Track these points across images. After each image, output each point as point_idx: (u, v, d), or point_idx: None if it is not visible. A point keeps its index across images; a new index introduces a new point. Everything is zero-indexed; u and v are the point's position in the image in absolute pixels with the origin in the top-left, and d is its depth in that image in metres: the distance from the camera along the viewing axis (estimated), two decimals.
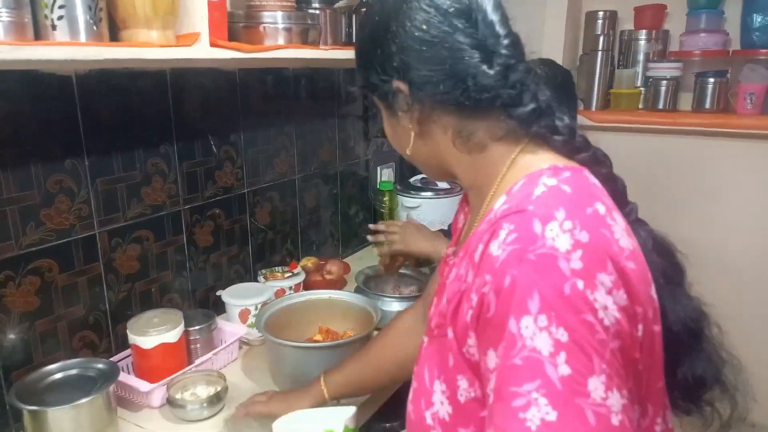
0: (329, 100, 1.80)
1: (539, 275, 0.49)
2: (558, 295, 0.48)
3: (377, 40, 0.65)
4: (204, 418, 1.09)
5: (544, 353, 0.47)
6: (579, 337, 0.47)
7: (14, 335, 1.05)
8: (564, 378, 0.47)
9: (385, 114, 0.72)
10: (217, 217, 1.46)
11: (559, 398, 0.47)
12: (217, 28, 1.07)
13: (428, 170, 0.74)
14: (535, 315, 0.48)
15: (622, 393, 0.48)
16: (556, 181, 0.56)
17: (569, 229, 0.50)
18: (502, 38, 0.61)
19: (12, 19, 0.76)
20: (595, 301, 0.48)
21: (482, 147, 0.64)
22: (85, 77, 1.10)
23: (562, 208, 0.52)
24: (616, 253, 0.51)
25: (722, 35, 2.10)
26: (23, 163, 1.03)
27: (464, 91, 0.60)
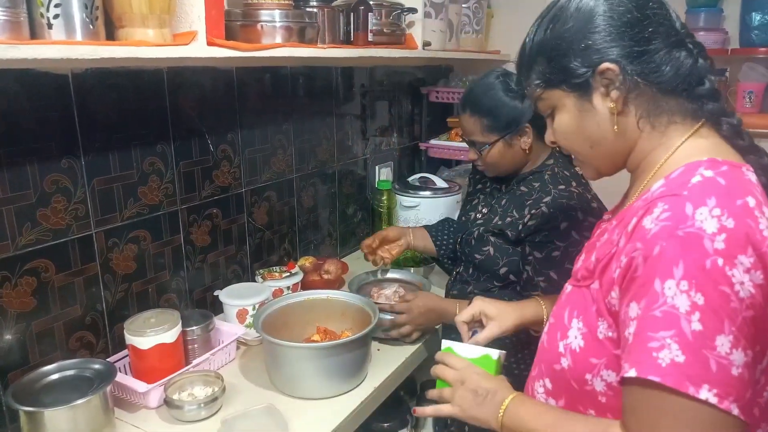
0: (327, 99, 1.79)
1: (685, 249, 0.59)
2: (700, 268, 0.58)
3: (583, 29, 0.72)
4: (201, 419, 1.09)
5: (682, 311, 0.58)
6: (713, 303, 0.57)
7: (10, 336, 1.05)
8: (695, 332, 0.58)
9: (569, 106, 0.75)
10: (214, 217, 1.45)
11: (689, 346, 0.58)
12: (214, 26, 1.07)
13: (604, 160, 0.78)
14: (678, 280, 0.58)
15: (746, 353, 0.58)
16: (712, 173, 0.64)
17: (717, 216, 0.59)
18: (687, 30, 0.72)
19: (7, 18, 0.75)
20: (732, 277, 0.58)
21: (663, 130, 0.72)
22: (81, 76, 1.10)
23: (714, 197, 0.61)
24: (759, 240, 0.60)
25: (721, 33, 2.09)
26: (19, 162, 1.03)
27: (667, 69, 0.69)
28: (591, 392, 0.71)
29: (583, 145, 0.77)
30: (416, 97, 2.25)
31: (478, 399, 0.83)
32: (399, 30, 1.64)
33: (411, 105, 2.24)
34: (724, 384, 0.58)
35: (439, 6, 1.83)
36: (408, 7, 1.64)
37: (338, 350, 1.14)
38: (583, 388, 0.72)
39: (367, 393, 1.18)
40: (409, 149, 2.27)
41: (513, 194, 1.32)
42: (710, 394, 0.57)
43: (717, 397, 0.57)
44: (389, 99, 2.10)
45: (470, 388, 0.84)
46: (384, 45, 1.56)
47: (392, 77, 2.09)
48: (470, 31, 2.14)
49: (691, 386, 0.58)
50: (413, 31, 1.73)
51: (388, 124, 2.11)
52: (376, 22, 1.53)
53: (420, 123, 2.30)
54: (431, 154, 2.26)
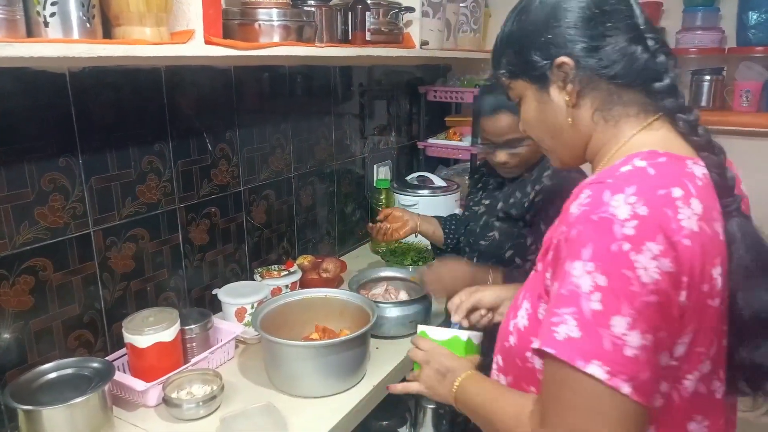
0: (325, 98, 1.79)
1: (595, 233, 0.62)
2: (605, 251, 0.60)
3: (544, 23, 0.74)
4: (200, 417, 1.09)
5: (584, 290, 0.61)
6: (614, 285, 0.60)
7: (8, 335, 1.05)
8: (593, 311, 0.60)
9: (531, 97, 0.79)
10: (212, 216, 1.45)
11: (585, 324, 0.60)
12: (211, 25, 1.06)
13: (563, 150, 0.81)
14: (585, 261, 0.61)
15: (644, 336, 0.60)
16: (645, 164, 0.67)
17: (632, 203, 0.61)
18: (649, 25, 0.73)
19: (3, 16, 0.75)
20: (636, 262, 0.59)
21: (616, 122, 0.74)
22: (78, 75, 1.09)
23: (635, 185, 0.63)
24: (672, 230, 0.61)
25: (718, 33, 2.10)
26: (16, 161, 1.02)
27: (622, 65, 0.71)
28: (531, 370, 0.75)
29: (544, 134, 0.81)
30: (414, 96, 2.25)
31: (439, 377, 0.90)
32: (397, 29, 1.64)
33: (409, 104, 2.24)
34: (615, 362, 0.59)
35: (437, 5, 1.83)
36: (406, 6, 1.64)
37: (337, 349, 1.14)
38: (525, 365, 0.75)
39: (366, 391, 1.18)
40: (407, 148, 2.27)
41: (514, 182, 1.34)
42: (600, 370, 0.59)
43: (607, 374, 0.59)
44: (387, 98, 2.10)
45: (434, 367, 0.91)
46: (382, 44, 1.56)
47: (390, 76, 2.09)
48: (468, 30, 2.14)
49: (580, 360, 0.60)
50: (411, 31, 1.73)
51: (386, 123, 2.11)
52: (374, 21, 1.53)
53: (418, 122, 2.30)
54: (429, 153, 2.27)
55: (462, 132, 2.22)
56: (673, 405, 0.68)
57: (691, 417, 0.70)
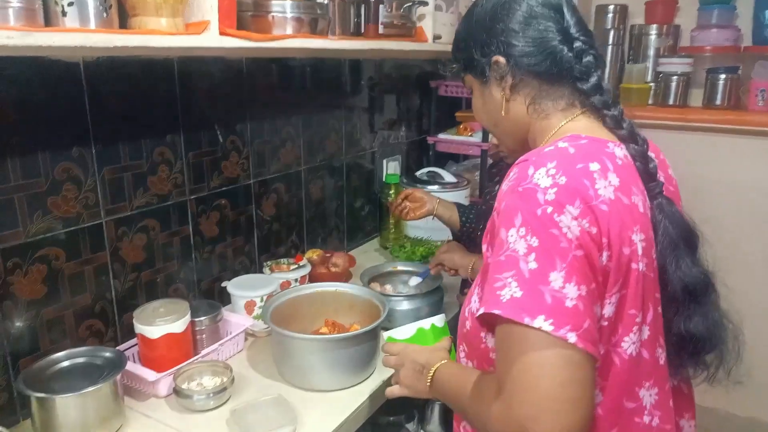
0: (336, 91, 1.78)
1: (522, 201, 0.68)
2: (533, 215, 0.67)
3: (484, 25, 0.84)
4: (210, 409, 1.09)
5: (521, 253, 0.66)
6: (546, 244, 0.65)
7: (21, 323, 1.05)
8: (531, 270, 0.65)
9: (477, 89, 0.90)
10: (222, 208, 1.45)
11: (526, 283, 0.65)
12: (226, 16, 1.06)
13: (507, 138, 0.91)
14: (517, 227, 0.67)
15: (579, 287, 0.65)
16: (567, 144, 0.74)
17: (552, 174, 0.69)
18: (579, 30, 0.81)
19: (23, 5, 0.75)
20: (560, 222, 0.66)
21: (546, 115, 0.83)
22: (92, 64, 1.09)
23: (556, 160, 0.71)
24: (590, 196, 0.68)
25: (734, 31, 2.07)
26: (31, 150, 1.03)
27: (549, 63, 0.80)
28: (485, 350, 0.79)
29: (488, 123, 0.92)
30: (425, 90, 2.24)
31: (416, 375, 0.94)
32: (410, 22, 1.62)
33: (419, 99, 2.23)
34: (558, 314, 0.63)
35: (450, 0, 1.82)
36: (419, 0, 1.63)
37: (348, 343, 1.14)
38: (479, 346, 0.80)
39: (376, 386, 1.18)
40: (417, 143, 2.26)
41: None
42: (545, 323, 0.63)
43: (552, 325, 0.63)
44: (397, 92, 2.09)
45: (409, 367, 0.96)
46: (395, 37, 1.55)
47: (401, 70, 2.08)
48: None
49: (527, 317, 0.64)
50: (424, 24, 1.72)
51: (396, 117, 2.11)
52: (387, 14, 1.52)
53: (428, 117, 2.29)
54: (439, 149, 2.26)
55: (473, 127, 2.21)
56: (616, 369, 0.72)
57: (639, 383, 0.74)
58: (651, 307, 0.74)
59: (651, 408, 0.76)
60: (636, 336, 0.72)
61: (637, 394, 0.75)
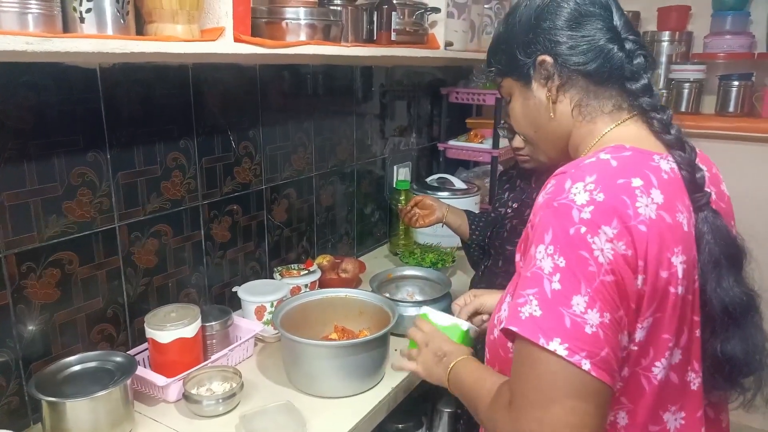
0: (347, 98, 1.79)
1: (555, 217, 0.66)
2: (565, 234, 0.64)
3: (528, 24, 0.80)
4: (219, 414, 1.09)
5: (546, 272, 0.65)
6: (573, 266, 0.63)
7: (34, 327, 1.06)
8: (554, 291, 0.64)
9: (517, 93, 0.85)
10: (234, 213, 1.46)
11: (547, 303, 0.64)
12: (240, 23, 1.07)
13: (546, 144, 0.87)
14: (546, 244, 0.65)
15: (603, 314, 0.63)
16: (609, 156, 0.70)
17: (590, 190, 0.66)
18: (629, 30, 0.78)
19: (42, 11, 0.76)
20: (593, 243, 0.63)
21: (592, 118, 0.79)
22: (108, 70, 1.10)
23: (596, 174, 0.67)
24: (629, 215, 0.65)
25: (748, 37, 2.06)
26: (47, 155, 1.04)
27: (599, 63, 0.76)
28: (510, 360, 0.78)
29: (528, 129, 0.87)
30: (435, 97, 2.24)
31: (435, 359, 0.94)
32: (422, 29, 1.63)
33: (430, 105, 2.23)
34: (575, 339, 0.62)
35: (462, 6, 1.82)
36: (431, 7, 1.64)
37: (357, 349, 1.14)
38: (507, 355, 0.78)
39: (385, 393, 1.18)
40: (427, 150, 2.26)
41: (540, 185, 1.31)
42: (560, 347, 0.62)
43: (567, 350, 0.62)
44: (408, 99, 2.10)
45: (432, 350, 0.96)
46: (407, 44, 1.56)
47: (412, 77, 2.09)
48: (492, 32, 2.12)
49: (543, 338, 0.63)
50: (435, 31, 1.72)
51: (406, 124, 2.11)
52: (399, 21, 1.53)
53: (439, 123, 2.29)
54: (449, 155, 2.25)
55: (483, 134, 2.20)
56: (644, 392, 0.70)
57: (665, 407, 0.72)
58: (686, 330, 0.71)
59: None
60: (667, 361, 0.69)
61: (661, 417, 0.72)
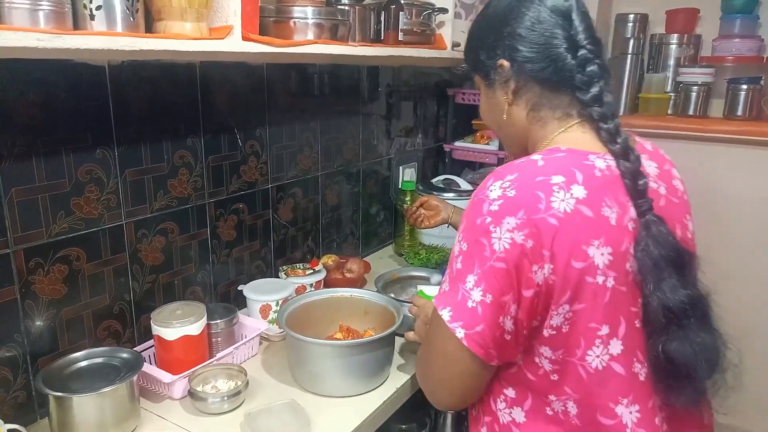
0: (354, 98, 1.79)
1: (470, 210, 0.76)
2: (472, 223, 0.74)
3: (492, 28, 0.85)
4: (224, 412, 1.09)
5: (455, 253, 0.77)
6: (472, 250, 0.74)
7: (41, 322, 1.06)
8: (457, 269, 0.76)
9: (483, 91, 0.92)
10: (240, 212, 1.46)
11: (452, 280, 0.77)
12: (249, 21, 1.07)
13: (508, 140, 0.93)
14: (459, 232, 0.77)
15: (485, 295, 0.72)
16: (539, 157, 0.77)
17: (505, 187, 0.73)
18: (587, 38, 0.80)
19: (53, 8, 0.76)
20: (493, 232, 0.71)
21: (543, 123, 0.84)
22: (117, 68, 1.11)
23: (517, 173, 0.74)
24: (538, 209, 0.70)
25: (757, 41, 2.05)
26: (55, 151, 1.04)
27: (551, 70, 0.80)
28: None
29: (492, 126, 0.94)
30: (442, 98, 2.24)
31: (424, 327, 1.03)
32: (429, 30, 1.63)
33: (436, 106, 2.23)
34: (458, 310, 0.74)
35: (470, 7, 1.82)
36: (439, 8, 1.63)
37: (362, 349, 1.14)
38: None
39: (390, 393, 1.17)
40: (433, 150, 2.26)
41: None
42: (445, 312, 0.75)
43: (450, 318, 0.74)
44: (414, 99, 2.10)
45: (422, 319, 1.08)
46: (414, 44, 1.56)
47: (418, 78, 2.09)
48: None
49: (439, 306, 0.77)
50: (443, 32, 1.72)
51: (412, 124, 2.11)
52: (407, 21, 1.53)
53: (445, 124, 2.29)
54: (455, 156, 2.25)
55: (489, 135, 2.20)
56: (583, 382, 0.74)
57: (615, 399, 0.74)
58: (623, 321, 0.74)
59: (634, 426, 0.74)
60: (601, 350, 0.73)
61: (614, 411, 0.73)
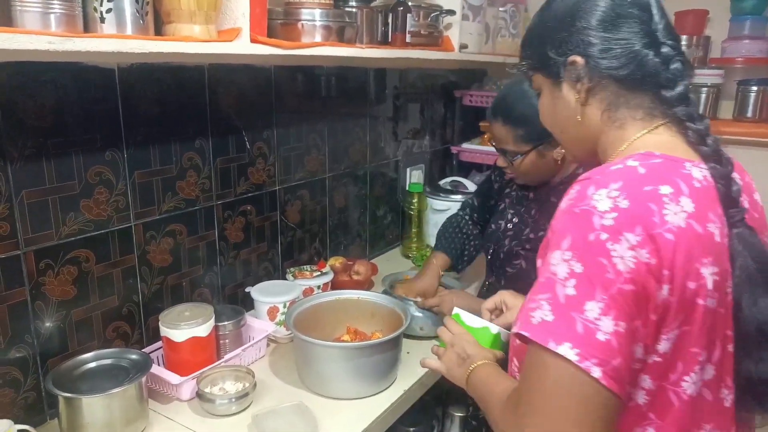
0: (361, 100, 1.79)
1: (574, 224, 0.64)
2: (583, 240, 0.63)
3: (562, 21, 0.77)
4: (232, 413, 1.09)
5: (560, 277, 0.63)
6: (589, 272, 0.62)
7: (51, 323, 1.07)
8: (567, 296, 0.62)
9: (547, 90, 0.82)
10: (248, 214, 1.46)
11: (559, 308, 0.63)
12: (257, 24, 1.08)
13: (574, 144, 0.84)
14: (563, 250, 0.64)
15: (617, 323, 0.61)
16: (637, 163, 0.68)
17: (614, 197, 0.64)
18: (668, 34, 0.74)
19: (63, 11, 0.77)
20: (613, 250, 0.61)
21: (621, 124, 0.76)
22: (127, 70, 1.12)
23: (621, 181, 0.65)
24: (654, 223, 0.63)
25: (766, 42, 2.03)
26: (65, 153, 1.05)
27: (632, 68, 0.73)
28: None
29: (555, 128, 0.84)
30: (449, 100, 2.24)
31: (459, 361, 0.94)
32: (436, 32, 1.63)
33: (444, 108, 2.23)
34: (587, 345, 0.60)
35: (477, 9, 1.82)
36: (446, 9, 1.63)
37: (369, 351, 1.13)
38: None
39: (397, 395, 1.17)
40: (440, 152, 2.26)
41: (543, 204, 1.28)
42: (571, 352, 0.60)
43: (578, 356, 0.60)
44: (422, 101, 2.10)
45: (456, 351, 0.96)
46: (421, 46, 1.56)
47: (425, 80, 2.08)
48: (506, 34, 2.11)
49: (552, 342, 0.62)
50: (450, 34, 1.72)
51: (420, 126, 2.11)
52: (414, 23, 1.53)
53: (452, 126, 2.28)
54: (463, 158, 2.25)
55: None
56: (672, 408, 0.67)
57: (698, 425, 0.69)
58: (719, 345, 0.69)
59: None
60: (698, 376, 0.67)
61: None
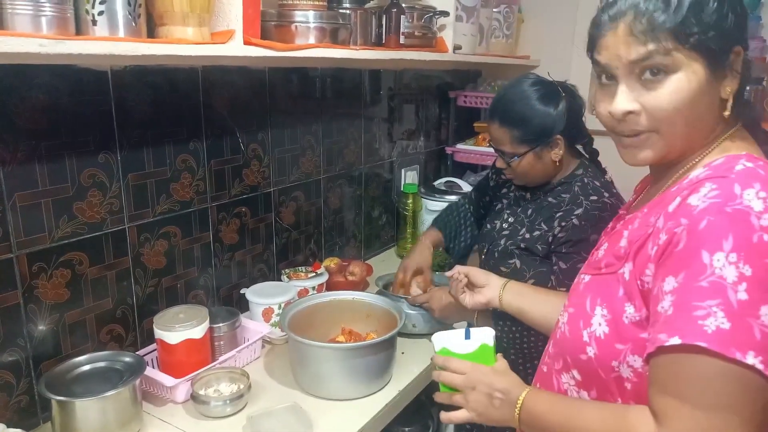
0: (355, 101, 1.79)
1: (733, 224, 0.62)
2: (747, 241, 0.61)
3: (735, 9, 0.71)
4: (227, 415, 1.09)
5: (729, 281, 0.60)
6: (760, 275, 0.60)
7: (44, 326, 1.07)
8: (741, 301, 0.60)
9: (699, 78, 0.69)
10: (242, 215, 1.46)
11: (735, 314, 0.60)
12: (250, 26, 1.07)
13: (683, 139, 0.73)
14: (727, 252, 0.61)
15: None
16: (753, 165, 0.68)
17: (763, 197, 0.63)
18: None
19: (55, 14, 0.77)
20: None
21: (715, 120, 0.72)
22: (120, 73, 1.12)
23: (759, 182, 0.65)
24: None
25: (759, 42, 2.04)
26: (58, 155, 1.05)
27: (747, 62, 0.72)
28: (618, 379, 0.72)
29: (685, 115, 0.71)
30: (444, 101, 2.24)
31: (494, 401, 0.82)
32: (430, 33, 1.63)
33: (438, 109, 2.23)
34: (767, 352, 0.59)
35: (471, 10, 1.82)
36: (440, 11, 1.64)
37: (364, 352, 1.14)
38: (609, 375, 0.73)
39: (392, 396, 1.18)
40: (435, 153, 2.26)
41: (540, 205, 1.29)
42: (756, 360, 0.59)
43: (762, 364, 0.59)
44: (416, 102, 2.10)
45: (483, 392, 0.83)
46: (415, 48, 1.56)
47: (420, 81, 2.09)
48: (500, 35, 2.12)
49: (738, 352, 0.59)
50: (444, 35, 1.72)
51: (414, 127, 2.11)
52: (408, 24, 1.53)
53: (447, 127, 2.29)
54: (457, 159, 2.25)
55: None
56: None
57: None
58: None
59: None
60: None
61: None
